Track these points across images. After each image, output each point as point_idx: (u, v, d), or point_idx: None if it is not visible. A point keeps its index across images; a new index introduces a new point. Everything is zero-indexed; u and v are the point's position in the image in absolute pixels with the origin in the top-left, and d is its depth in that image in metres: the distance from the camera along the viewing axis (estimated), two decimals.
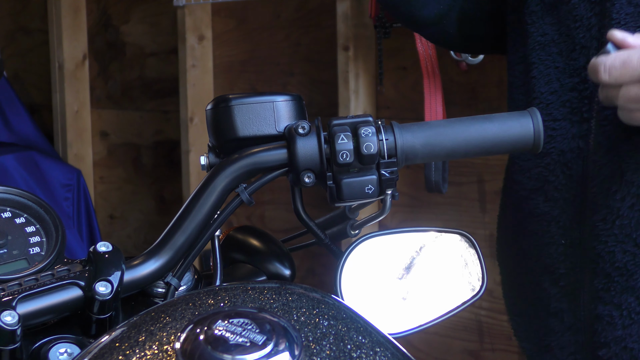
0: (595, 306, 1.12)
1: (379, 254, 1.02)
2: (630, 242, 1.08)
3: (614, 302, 1.10)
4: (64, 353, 0.83)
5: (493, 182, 2.47)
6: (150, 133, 3.35)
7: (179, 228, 0.90)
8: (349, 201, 0.92)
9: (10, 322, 0.78)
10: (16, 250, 0.90)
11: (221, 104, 0.94)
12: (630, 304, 1.09)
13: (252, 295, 0.74)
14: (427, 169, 2.38)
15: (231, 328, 0.66)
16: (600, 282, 1.12)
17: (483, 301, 2.49)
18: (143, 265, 0.88)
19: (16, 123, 3.27)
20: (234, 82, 3.03)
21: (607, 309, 1.11)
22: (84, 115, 3.43)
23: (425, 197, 2.58)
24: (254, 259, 1.04)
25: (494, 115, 0.96)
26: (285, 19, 2.86)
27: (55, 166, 3.10)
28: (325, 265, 2.82)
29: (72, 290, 0.84)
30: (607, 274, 1.11)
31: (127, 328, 0.73)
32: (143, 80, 3.34)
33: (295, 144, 0.91)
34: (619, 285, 1.10)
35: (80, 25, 3.39)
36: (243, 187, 0.93)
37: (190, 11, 2.99)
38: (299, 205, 0.97)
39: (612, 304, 1.11)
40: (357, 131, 0.90)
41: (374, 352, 0.71)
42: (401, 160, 0.92)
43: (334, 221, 1.05)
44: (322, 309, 0.73)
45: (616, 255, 1.10)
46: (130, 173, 3.44)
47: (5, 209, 0.92)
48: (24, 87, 3.62)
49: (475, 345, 2.57)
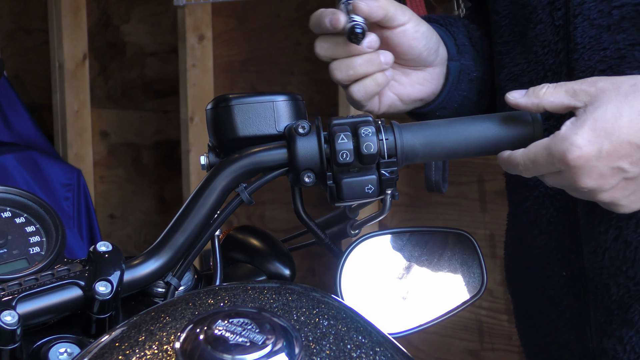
0: (600, 339, 1.09)
1: (379, 253, 1.02)
2: (621, 274, 1.05)
3: (615, 336, 1.07)
4: (63, 353, 0.83)
5: (493, 182, 2.47)
6: (150, 133, 3.35)
7: (179, 228, 0.90)
8: (349, 201, 0.92)
9: (10, 321, 0.78)
10: (16, 250, 0.90)
11: (221, 104, 0.94)
12: (631, 338, 1.05)
13: (252, 295, 0.74)
14: (427, 169, 2.38)
15: (231, 328, 0.66)
16: (602, 315, 1.08)
17: (483, 301, 2.49)
18: (143, 265, 0.88)
19: (16, 123, 3.27)
20: (234, 81, 3.03)
21: (611, 342, 1.08)
22: (84, 115, 3.43)
23: (426, 197, 2.58)
24: (254, 259, 1.04)
25: (494, 115, 0.96)
26: (285, 19, 2.86)
27: (55, 166, 3.10)
28: (326, 265, 2.82)
29: (72, 290, 0.84)
30: (607, 306, 1.08)
31: (127, 328, 0.73)
32: (143, 80, 3.34)
33: (295, 143, 0.91)
34: (619, 318, 1.07)
35: (81, 25, 3.39)
36: (243, 187, 0.93)
37: (190, 11, 2.99)
38: (299, 205, 0.97)
39: (614, 338, 1.07)
40: (357, 131, 0.90)
41: (374, 352, 0.71)
42: (401, 160, 0.92)
43: (334, 221, 1.05)
44: (322, 308, 0.73)
45: (611, 288, 1.06)
46: (131, 173, 3.44)
47: (5, 209, 0.92)
48: (24, 86, 3.62)
49: (475, 345, 2.57)
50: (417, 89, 1.11)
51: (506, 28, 1.13)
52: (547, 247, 1.13)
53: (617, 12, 1.00)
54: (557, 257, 1.12)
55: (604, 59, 1.01)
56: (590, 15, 1.02)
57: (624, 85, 0.91)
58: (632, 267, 1.03)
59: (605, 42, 1.01)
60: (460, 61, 1.14)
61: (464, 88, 1.15)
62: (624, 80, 0.92)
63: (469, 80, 1.15)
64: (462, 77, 1.14)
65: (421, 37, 1.06)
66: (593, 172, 0.90)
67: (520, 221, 1.19)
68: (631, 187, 0.92)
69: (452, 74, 1.13)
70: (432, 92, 1.12)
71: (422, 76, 1.10)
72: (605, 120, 0.90)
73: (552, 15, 1.06)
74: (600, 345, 1.09)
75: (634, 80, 0.91)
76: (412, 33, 1.05)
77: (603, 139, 0.89)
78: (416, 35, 1.06)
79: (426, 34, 1.07)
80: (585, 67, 1.02)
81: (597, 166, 0.90)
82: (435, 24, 1.14)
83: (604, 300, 1.07)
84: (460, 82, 1.14)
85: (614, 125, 0.89)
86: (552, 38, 1.06)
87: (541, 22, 1.07)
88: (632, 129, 0.89)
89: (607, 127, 0.89)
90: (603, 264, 1.06)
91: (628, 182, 0.92)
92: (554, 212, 1.10)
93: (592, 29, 1.02)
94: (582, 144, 0.90)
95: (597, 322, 1.09)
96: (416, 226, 1.06)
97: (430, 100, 1.13)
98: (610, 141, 0.89)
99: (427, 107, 1.14)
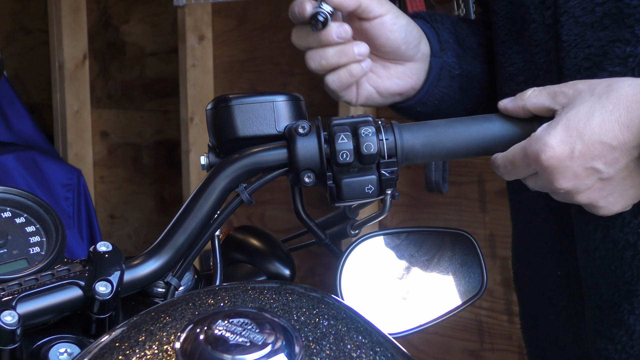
0: (594, 339, 1.09)
1: (379, 253, 1.02)
2: (610, 274, 1.05)
3: (607, 336, 1.07)
4: (63, 353, 0.83)
5: (493, 182, 2.47)
6: (150, 133, 3.35)
7: (179, 228, 0.90)
8: (349, 201, 0.92)
9: (10, 322, 0.78)
10: (16, 250, 0.90)
11: (221, 104, 0.94)
12: (621, 338, 1.05)
13: (252, 295, 0.74)
14: (427, 169, 2.38)
15: (231, 328, 0.66)
16: (595, 315, 1.09)
17: (483, 301, 2.49)
18: (143, 265, 0.88)
19: (16, 123, 3.27)
20: (234, 82, 3.03)
21: (603, 342, 1.07)
22: (84, 115, 3.43)
23: (426, 197, 2.58)
24: (254, 259, 1.04)
25: (494, 115, 0.96)
26: (285, 19, 2.86)
27: (55, 166, 3.10)
28: (326, 265, 2.82)
29: (72, 290, 0.84)
30: (599, 306, 1.08)
31: (127, 328, 0.73)
32: (143, 80, 3.34)
33: (295, 143, 0.91)
34: (610, 317, 1.07)
35: (81, 25, 3.39)
36: (243, 187, 0.93)
37: (190, 11, 2.99)
38: (299, 205, 0.97)
39: (606, 338, 1.07)
40: (357, 131, 0.90)
41: (374, 352, 0.71)
42: (401, 160, 0.92)
43: (334, 221, 1.05)
44: (322, 308, 0.73)
45: (601, 287, 1.06)
46: (131, 173, 3.44)
47: (5, 209, 0.92)
48: (24, 87, 3.62)
49: (475, 345, 2.57)
50: (396, 82, 1.11)
51: (503, 28, 1.13)
52: (544, 246, 1.14)
53: (599, 9, 1.01)
54: (553, 257, 1.12)
55: (588, 57, 1.02)
56: (575, 12, 1.02)
57: (599, 87, 0.91)
58: (620, 266, 1.03)
59: (590, 39, 1.02)
60: (443, 58, 1.14)
61: (444, 85, 1.15)
62: (601, 81, 0.92)
63: (450, 77, 1.15)
64: (443, 74, 1.14)
65: (399, 29, 1.06)
66: (567, 172, 0.91)
67: (519, 221, 1.19)
68: (608, 188, 0.93)
69: (434, 70, 1.13)
70: (412, 87, 1.12)
71: (402, 70, 1.11)
72: (577, 120, 0.90)
73: (542, 14, 1.06)
74: (594, 346, 1.09)
75: (610, 81, 0.92)
76: (390, 25, 1.05)
77: (575, 139, 0.90)
78: (394, 28, 1.06)
79: (405, 27, 1.07)
80: (571, 65, 1.03)
81: (571, 166, 0.91)
82: (420, 20, 1.15)
83: (596, 300, 1.07)
84: (441, 79, 1.14)
85: (586, 125, 0.90)
86: (543, 37, 1.07)
87: (534, 21, 1.08)
88: (603, 129, 0.90)
89: (579, 127, 0.90)
90: (594, 263, 1.06)
91: (604, 183, 0.92)
92: (549, 211, 1.11)
93: (577, 26, 1.03)
94: (554, 144, 0.90)
95: (591, 322, 1.09)
96: (416, 226, 1.06)
97: (410, 96, 1.14)
98: (582, 141, 0.90)
99: (407, 102, 1.14)
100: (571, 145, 0.90)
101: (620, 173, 0.92)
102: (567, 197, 0.94)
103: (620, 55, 0.99)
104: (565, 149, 0.90)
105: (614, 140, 0.89)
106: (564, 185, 0.92)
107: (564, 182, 0.92)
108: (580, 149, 0.90)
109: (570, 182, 0.92)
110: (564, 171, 0.91)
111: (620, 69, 0.98)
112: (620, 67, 0.99)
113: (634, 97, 0.89)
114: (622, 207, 0.95)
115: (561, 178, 0.92)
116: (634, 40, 0.98)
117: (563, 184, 0.92)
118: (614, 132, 0.89)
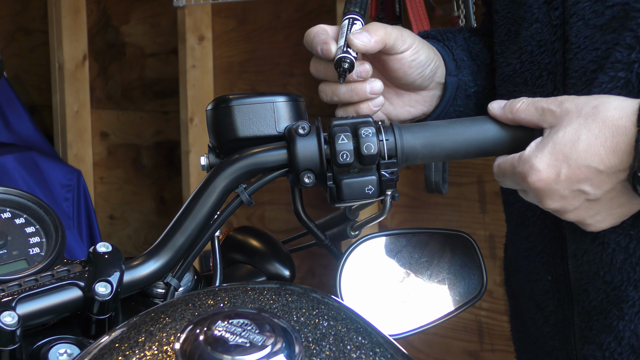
0: (582, 345, 1.09)
1: (378, 255, 1.02)
2: (599, 279, 1.04)
3: (595, 342, 1.06)
4: (63, 353, 0.83)
5: (493, 182, 2.47)
6: (150, 133, 3.35)
7: (179, 228, 0.90)
8: (349, 202, 0.92)
9: (10, 322, 0.78)
10: (16, 251, 0.90)
11: (221, 105, 0.94)
12: (610, 344, 1.05)
13: (251, 295, 0.74)
14: (427, 170, 2.38)
15: (231, 329, 0.66)
16: (583, 321, 1.08)
17: (483, 301, 2.49)
18: (143, 265, 0.88)
19: (16, 123, 3.27)
20: (234, 82, 3.04)
21: (591, 348, 1.07)
22: (84, 115, 3.43)
23: (425, 198, 2.59)
24: (253, 260, 1.04)
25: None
26: (285, 20, 2.86)
27: (55, 166, 3.10)
28: (326, 266, 2.82)
29: (72, 290, 0.84)
30: (587, 312, 1.07)
31: (126, 328, 0.73)
32: (143, 80, 3.34)
33: (295, 144, 0.91)
34: (598, 323, 1.06)
35: (81, 26, 3.39)
36: (243, 188, 0.93)
37: (190, 11, 2.99)
38: (299, 205, 0.97)
39: (594, 344, 1.06)
40: (357, 131, 0.90)
41: (374, 353, 0.71)
42: (401, 161, 0.92)
43: (334, 222, 1.05)
44: (322, 309, 0.73)
45: (590, 293, 1.06)
46: (130, 173, 3.44)
47: (5, 210, 0.92)
48: (24, 87, 3.62)
49: (475, 345, 2.57)
50: (407, 110, 1.12)
51: (503, 28, 1.13)
52: (534, 250, 1.14)
53: (609, 12, 1.01)
54: (543, 261, 1.12)
55: (595, 59, 1.01)
56: (584, 15, 1.02)
57: (586, 107, 0.92)
58: (609, 271, 1.03)
59: (598, 42, 1.01)
60: (459, 77, 1.15)
61: (460, 104, 1.16)
62: (588, 101, 0.93)
63: (466, 95, 1.16)
64: (459, 93, 1.15)
65: (417, 66, 1.07)
66: (554, 194, 0.93)
67: (510, 224, 1.20)
68: (595, 207, 0.94)
69: (449, 90, 1.14)
70: (423, 113, 1.14)
71: (415, 98, 1.12)
72: (563, 144, 0.91)
73: (549, 14, 1.06)
74: (582, 352, 1.09)
75: (597, 101, 0.92)
76: (409, 62, 1.06)
77: (562, 162, 0.91)
78: (412, 64, 1.06)
79: (423, 63, 1.08)
80: (578, 67, 1.02)
81: (558, 189, 0.92)
82: (432, 40, 1.15)
83: (585, 306, 1.07)
84: (457, 98, 1.15)
85: (572, 149, 0.91)
86: (549, 38, 1.06)
87: (537, 21, 1.07)
88: (589, 153, 0.90)
89: (566, 151, 0.91)
90: (583, 267, 1.06)
91: (591, 203, 0.94)
92: (541, 215, 1.11)
93: (587, 29, 1.03)
94: (541, 167, 0.92)
95: (579, 328, 1.09)
96: (416, 227, 1.06)
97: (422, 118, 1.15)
98: (568, 165, 0.91)
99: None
100: (557, 169, 0.92)
101: (607, 195, 0.93)
102: (557, 214, 0.96)
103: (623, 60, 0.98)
104: (552, 173, 0.92)
105: (600, 164, 0.90)
106: (551, 205, 0.94)
107: (551, 203, 0.94)
108: (566, 172, 0.91)
109: (557, 203, 0.94)
110: (551, 193, 0.93)
111: (624, 74, 0.98)
112: (623, 72, 0.98)
113: (620, 122, 0.90)
114: (611, 224, 0.97)
115: (548, 199, 0.94)
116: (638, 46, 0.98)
117: (550, 204, 0.94)
118: (600, 157, 0.90)
